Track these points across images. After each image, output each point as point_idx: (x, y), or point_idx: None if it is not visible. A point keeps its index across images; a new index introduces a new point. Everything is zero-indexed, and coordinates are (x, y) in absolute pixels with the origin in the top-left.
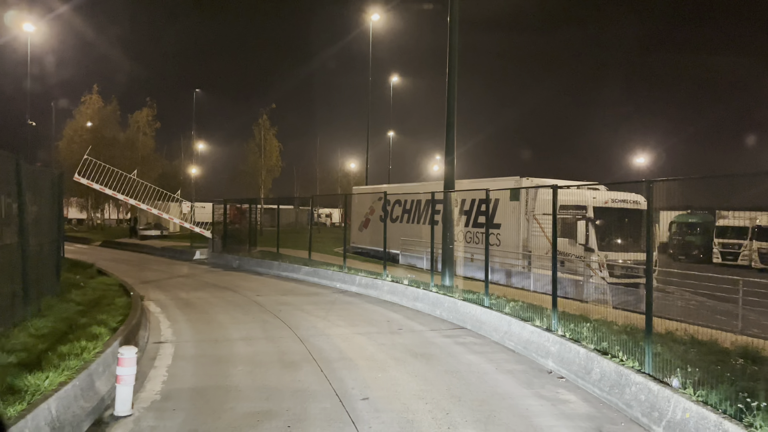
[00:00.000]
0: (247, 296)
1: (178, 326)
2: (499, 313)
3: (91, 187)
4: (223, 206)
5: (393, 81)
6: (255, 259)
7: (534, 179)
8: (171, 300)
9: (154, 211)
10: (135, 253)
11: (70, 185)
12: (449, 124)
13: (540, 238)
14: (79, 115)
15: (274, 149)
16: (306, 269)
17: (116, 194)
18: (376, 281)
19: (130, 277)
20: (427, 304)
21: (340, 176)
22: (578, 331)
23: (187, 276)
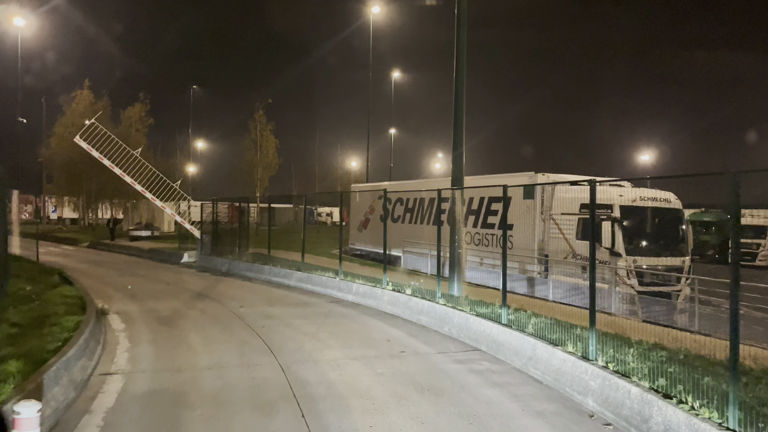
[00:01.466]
0: (230, 307)
1: (139, 350)
2: (521, 334)
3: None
4: (212, 205)
5: (394, 77)
6: (245, 263)
7: (550, 175)
8: (141, 313)
9: (158, 202)
10: (121, 256)
11: (59, 182)
12: (457, 112)
13: (558, 240)
14: (69, 111)
15: (271, 145)
16: (298, 275)
17: (113, 167)
18: (375, 290)
19: (106, 283)
20: (434, 319)
21: (341, 174)
22: (623, 360)
23: (168, 283)
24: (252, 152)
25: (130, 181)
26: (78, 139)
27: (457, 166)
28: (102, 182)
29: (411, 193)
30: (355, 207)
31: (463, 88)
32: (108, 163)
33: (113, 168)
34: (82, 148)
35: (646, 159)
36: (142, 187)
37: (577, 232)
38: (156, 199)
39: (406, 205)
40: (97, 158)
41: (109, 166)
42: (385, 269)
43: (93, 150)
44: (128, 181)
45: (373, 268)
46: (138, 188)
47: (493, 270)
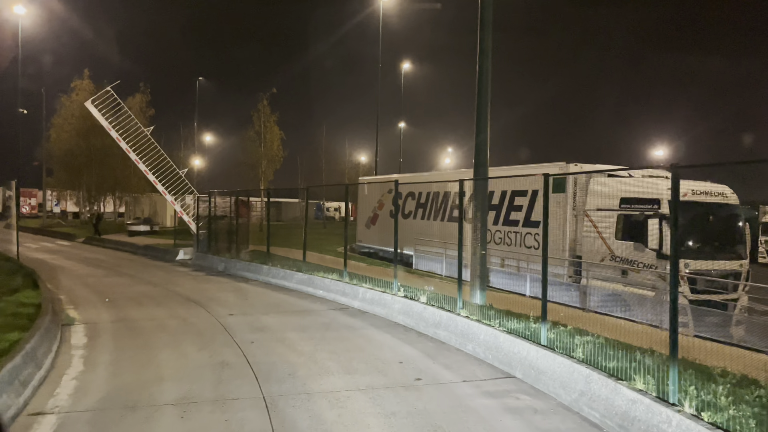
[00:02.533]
0: (218, 316)
1: (91, 377)
2: (567, 359)
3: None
4: (208, 199)
5: (405, 68)
6: (243, 262)
7: (583, 165)
8: (112, 323)
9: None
10: (114, 252)
11: (59, 175)
12: (481, 92)
13: (593, 240)
14: (69, 102)
15: (275, 137)
16: (299, 276)
17: (120, 140)
18: (384, 296)
19: (86, 285)
20: (454, 334)
21: (348, 168)
22: (715, 403)
23: (155, 284)
24: (255, 144)
25: (134, 158)
26: (89, 104)
27: (480, 154)
28: (102, 175)
29: (424, 186)
30: (363, 202)
31: (488, 61)
32: (115, 135)
33: (119, 141)
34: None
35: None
36: (145, 167)
37: (617, 230)
38: (158, 183)
39: (418, 199)
40: (105, 128)
41: (116, 138)
42: (396, 272)
43: (102, 118)
44: (133, 158)
45: (382, 268)
46: (142, 167)
47: (517, 273)
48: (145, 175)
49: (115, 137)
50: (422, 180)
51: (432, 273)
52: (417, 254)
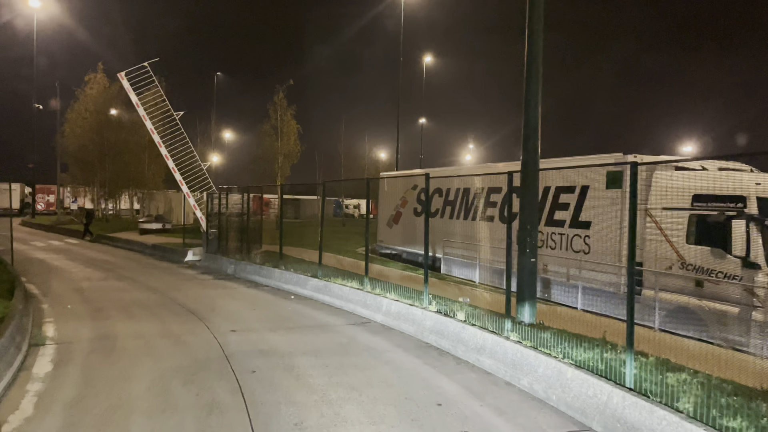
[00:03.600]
0: (217, 332)
1: (39, 427)
2: (673, 414)
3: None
4: (218, 196)
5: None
6: (253, 265)
7: (644, 158)
8: (90, 343)
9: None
10: (121, 251)
11: (73, 171)
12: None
13: (658, 244)
14: (83, 96)
15: (292, 131)
16: (314, 283)
17: (146, 119)
18: (412, 310)
19: (79, 290)
20: (503, 364)
21: (368, 164)
22: None
23: (155, 290)
24: (272, 139)
25: (157, 140)
26: (122, 75)
27: (529, 140)
28: (116, 171)
29: (455, 181)
30: (384, 198)
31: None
32: (142, 113)
33: (146, 120)
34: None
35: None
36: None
37: (689, 233)
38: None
39: (446, 196)
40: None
41: (142, 116)
42: (427, 281)
43: (132, 92)
44: (156, 140)
45: (407, 272)
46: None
47: (566, 283)
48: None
49: (141, 115)
50: (458, 173)
51: (463, 280)
52: (445, 258)
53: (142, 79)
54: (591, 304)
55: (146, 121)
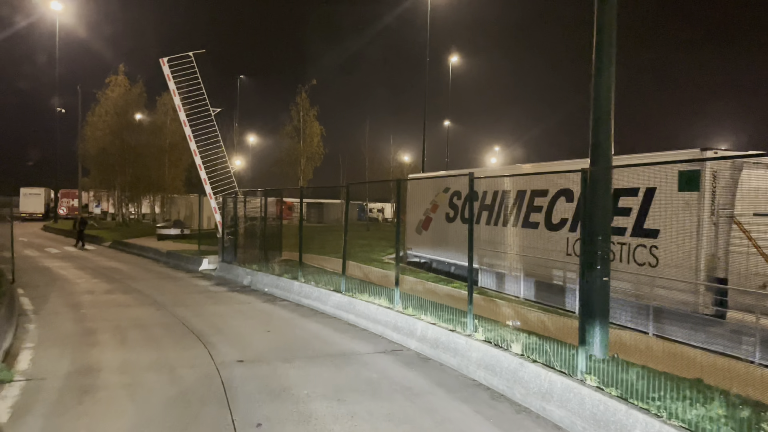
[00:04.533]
0: (221, 363)
1: None
2: None
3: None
4: (234, 199)
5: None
6: (271, 276)
7: (724, 153)
8: (65, 380)
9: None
10: (135, 259)
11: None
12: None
13: (750, 257)
14: (104, 99)
15: (315, 133)
16: (337, 299)
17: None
18: (454, 338)
19: (77, 306)
20: (579, 417)
21: (393, 166)
22: None
23: (160, 306)
24: (294, 140)
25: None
26: (163, 61)
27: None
28: (136, 175)
29: (493, 183)
30: (413, 202)
31: None
32: (177, 102)
33: (180, 111)
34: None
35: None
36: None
37: None
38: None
39: (483, 200)
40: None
41: (177, 106)
42: (471, 302)
43: (171, 79)
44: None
45: (440, 284)
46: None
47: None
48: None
49: (176, 105)
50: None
51: (505, 295)
52: (483, 269)
53: (183, 68)
54: (662, 327)
55: (180, 111)
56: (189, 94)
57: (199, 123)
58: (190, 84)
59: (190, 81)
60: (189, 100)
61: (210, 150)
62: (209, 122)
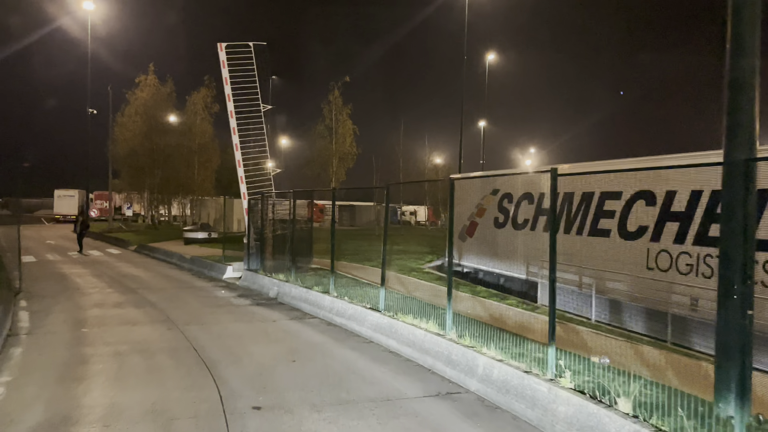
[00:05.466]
0: (231, 411)
1: None
2: None
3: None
4: (260, 202)
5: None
6: (300, 288)
7: None
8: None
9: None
10: (158, 264)
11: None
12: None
13: None
14: (133, 99)
15: (348, 132)
16: (375, 319)
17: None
18: (530, 382)
19: (79, 324)
20: None
21: (428, 168)
22: None
23: (172, 324)
24: (326, 140)
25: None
26: (221, 46)
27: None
28: (165, 177)
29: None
30: (455, 206)
31: None
32: (228, 91)
33: (228, 100)
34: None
35: None
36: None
37: None
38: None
39: (539, 203)
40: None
41: (227, 95)
42: (554, 337)
43: (225, 66)
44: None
45: (494, 301)
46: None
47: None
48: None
49: (227, 93)
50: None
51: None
52: (543, 284)
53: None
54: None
55: (229, 101)
56: (239, 86)
57: (246, 117)
58: (244, 75)
59: (245, 72)
60: (239, 92)
61: (252, 147)
62: (257, 118)
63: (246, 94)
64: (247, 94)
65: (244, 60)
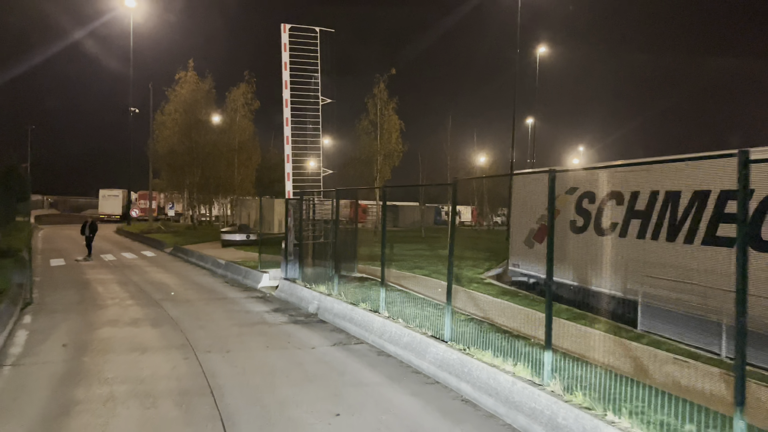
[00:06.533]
0: None
1: None
2: None
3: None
4: (299, 203)
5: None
6: (344, 304)
7: None
8: None
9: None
10: (191, 269)
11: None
12: None
13: None
14: (173, 96)
15: (394, 127)
16: (440, 352)
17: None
18: None
19: (79, 350)
20: None
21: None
22: None
23: (191, 350)
24: (370, 137)
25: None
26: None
27: None
28: (205, 176)
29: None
30: (520, 207)
31: None
32: (286, 78)
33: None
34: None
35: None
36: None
37: None
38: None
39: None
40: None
41: (284, 81)
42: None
43: (287, 50)
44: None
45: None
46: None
47: None
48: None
49: (284, 80)
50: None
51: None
52: (647, 305)
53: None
54: None
55: (285, 89)
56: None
57: (301, 109)
58: (304, 63)
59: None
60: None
61: (304, 142)
62: (313, 111)
63: (304, 84)
64: (306, 83)
65: (307, 46)
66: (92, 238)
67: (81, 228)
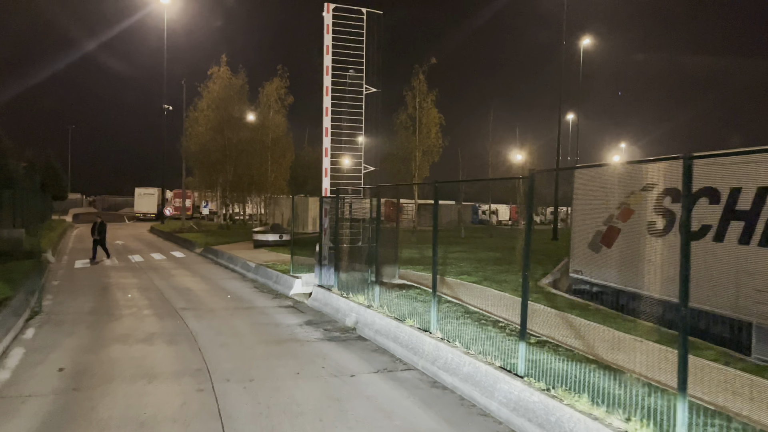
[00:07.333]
0: None
1: None
2: None
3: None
4: (335, 201)
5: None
6: (387, 319)
7: None
8: None
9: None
10: (221, 271)
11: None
12: None
13: None
14: (206, 92)
15: (433, 122)
16: (515, 390)
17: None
18: None
19: (76, 375)
20: None
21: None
22: None
23: (205, 378)
24: (408, 132)
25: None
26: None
27: None
28: (238, 173)
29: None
30: (583, 206)
31: None
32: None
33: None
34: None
35: None
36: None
37: None
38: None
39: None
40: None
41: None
42: None
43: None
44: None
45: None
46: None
47: None
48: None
49: (326, 65)
50: None
51: None
52: (762, 328)
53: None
54: None
55: (327, 75)
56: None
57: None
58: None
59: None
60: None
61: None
62: (357, 101)
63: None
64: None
65: (352, 29)
66: (99, 240)
67: (91, 229)
